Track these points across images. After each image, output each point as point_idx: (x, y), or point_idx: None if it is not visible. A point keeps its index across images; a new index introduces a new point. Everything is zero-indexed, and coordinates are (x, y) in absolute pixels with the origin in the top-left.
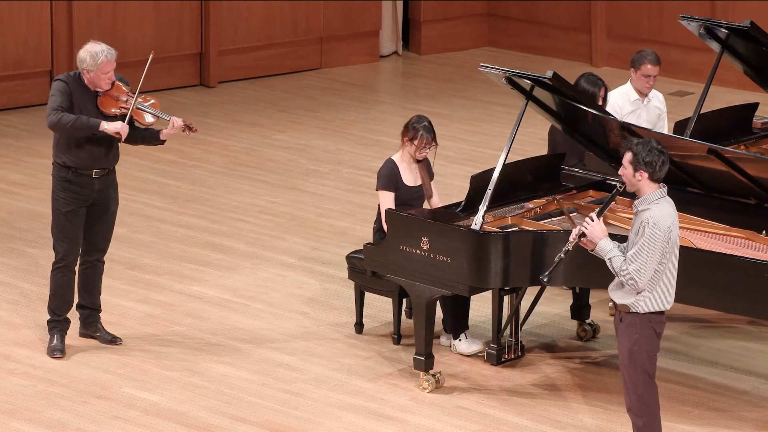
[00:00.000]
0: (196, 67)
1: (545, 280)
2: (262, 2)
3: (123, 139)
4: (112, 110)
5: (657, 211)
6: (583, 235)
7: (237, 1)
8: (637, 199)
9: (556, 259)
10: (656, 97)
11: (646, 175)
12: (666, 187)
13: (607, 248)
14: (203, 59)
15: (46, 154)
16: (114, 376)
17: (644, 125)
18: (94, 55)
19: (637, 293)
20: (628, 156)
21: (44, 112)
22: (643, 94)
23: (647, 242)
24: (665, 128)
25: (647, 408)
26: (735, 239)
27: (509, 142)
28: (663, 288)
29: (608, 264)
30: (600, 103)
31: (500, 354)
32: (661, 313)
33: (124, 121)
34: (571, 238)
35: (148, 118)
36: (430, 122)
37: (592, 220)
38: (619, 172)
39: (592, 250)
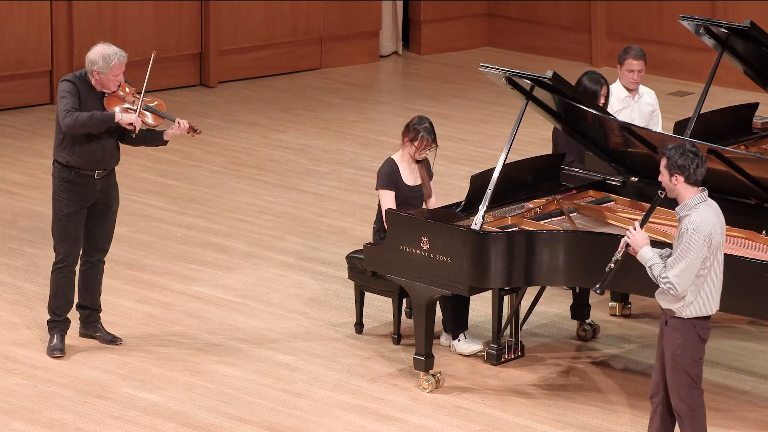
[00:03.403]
0: (196, 67)
1: (598, 292)
2: (262, 2)
3: (136, 131)
4: (118, 110)
5: (697, 216)
6: (628, 245)
7: (237, 1)
8: (678, 205)
9: (607, 269)
10: (647, 94)
11: (681, 178)
12: (707, 191)
13: (647, 256)
14: (203, 59)
15: (46, 154)
16: (114, 376)
17: (636, 122)
18: (107, 58)
19: (683, 298)
20: (663, 161)
21: (44, 113)
22: (631, 91)
23: (686, 248)
24: (659, 124)
25: (690, 411)
26: (735, 239)
27: (509, 142)
28: (707, 293)
29: (648, 272)
30: (602, 101)
31: (500, 354)
32: (706, 318)
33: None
34: (619, 248)
35: (154, 120)
36: (431, 123)
37: (635, 229)
38: (659, 179)
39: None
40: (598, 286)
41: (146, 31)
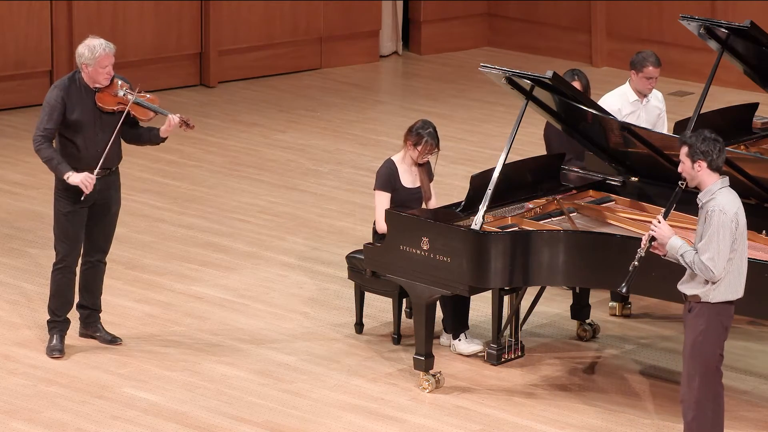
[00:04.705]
0: (196, 67)
1: (624, 290)
2: (262, 2)
3: (88, 191)
4: (111, 106)
5: (721, 198)
6: (653, 239)
7: (237, 1)
8: (700, 192)
9: (630, 267)
10: (655, 97)
11: (704, 164)
12: (727, 178)
13: (677, 245)
14: (203, 59)
15: None
16: (114, 376)
17: (644, 125)
18: (92, 49)
19: (713, 283)
20: (684, 150)
21: None
22: (642, 95)
23: (716, 230)
24: (665, 127)
25: (697, 402)
26: None
27: (509, 142)
28: (734, 276)
29: (681, 260)
30: None
31: (500, 354)
32: (731, 304)
33: (121, 117)
34: (642, 245)
35: (146, 114)
36: (434, 128)
37: (659, 222)
38: (679, 169)
39: (665, 255)
40: (623, 285)
41: (146, 31)
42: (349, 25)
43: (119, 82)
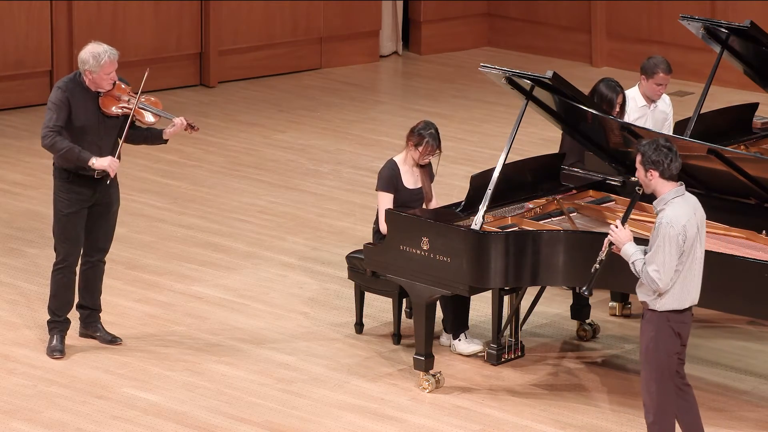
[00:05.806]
0: (196, 67)
1: (586, 293)
2: (262, 2)
3: (112, 176)
4: (115, 111)
5: (670, 210)
6: (612, 243)
7: (237, 1)
8: (655, 200)
9: (592, 270)
10: (663, 101)
11: (656, 173)
12: (683, 185)
13: (630, 252)
14: (203, 59)
15: (46, 154)
16: (114, 376)
17: None
18: (97, 56)
19: (659, 294)
20: (637, 158)
21: (44, 113)
22: (651, 101)
23: (662, 242)
24: (670, 132)
25: (658, 406)
26: (735, 239)
27: (509, 142)
28: (681, 287)
29: (632, 268)
30: (617, 110)
31: (500, 354)
32: (681, 312)
33: (127, 121)
34: (602, 249)
35: (150, 118)
36: (436, 129)
37: (617, 227)
38: (636, 176)
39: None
40: (585, 287)
41: (146, 31)
42: (349, 25)
43: (122, 86)
